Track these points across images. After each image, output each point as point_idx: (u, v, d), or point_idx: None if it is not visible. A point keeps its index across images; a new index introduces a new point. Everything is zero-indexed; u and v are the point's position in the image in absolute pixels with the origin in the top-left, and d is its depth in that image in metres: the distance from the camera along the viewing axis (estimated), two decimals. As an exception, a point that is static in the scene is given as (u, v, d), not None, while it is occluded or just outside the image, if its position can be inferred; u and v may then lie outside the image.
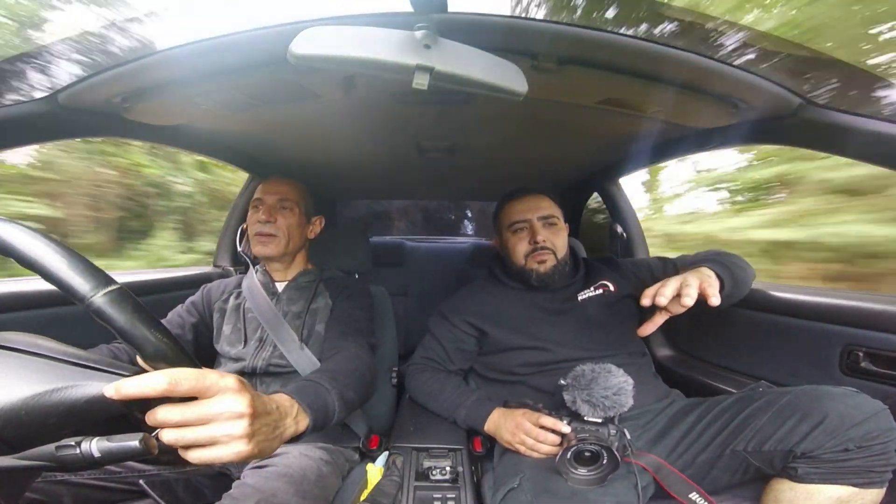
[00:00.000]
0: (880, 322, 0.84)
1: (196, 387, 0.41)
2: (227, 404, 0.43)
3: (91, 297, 0.37)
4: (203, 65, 0.71)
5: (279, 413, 0.52)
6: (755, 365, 1.09)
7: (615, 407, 0.75)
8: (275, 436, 0.50)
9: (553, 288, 1.08)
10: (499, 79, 0.54)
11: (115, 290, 0.39)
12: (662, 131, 1.04)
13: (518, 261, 1.08)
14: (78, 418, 0.40)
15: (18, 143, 0.82)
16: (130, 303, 0.39)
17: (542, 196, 1.11)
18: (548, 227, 1.08)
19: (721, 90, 0.76)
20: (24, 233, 0.37)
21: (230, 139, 1.18)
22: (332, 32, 0.49)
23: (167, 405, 0.41)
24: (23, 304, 0.88)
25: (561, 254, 1.07)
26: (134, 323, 0.39)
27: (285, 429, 0.53)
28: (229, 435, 0.43)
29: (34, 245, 0.37)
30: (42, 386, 0.39)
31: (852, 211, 1.98)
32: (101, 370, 0.42)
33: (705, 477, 0.80)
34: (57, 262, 0.37)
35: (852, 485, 0.67)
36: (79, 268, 0.38)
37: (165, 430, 0.41)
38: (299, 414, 0.57)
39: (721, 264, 0.90)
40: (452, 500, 0.78)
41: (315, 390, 0.64)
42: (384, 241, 2.18)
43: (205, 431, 0.42)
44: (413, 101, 0.87)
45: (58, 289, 0.37)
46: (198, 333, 1.05)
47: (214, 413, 0.42)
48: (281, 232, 1.01)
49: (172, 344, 0.41)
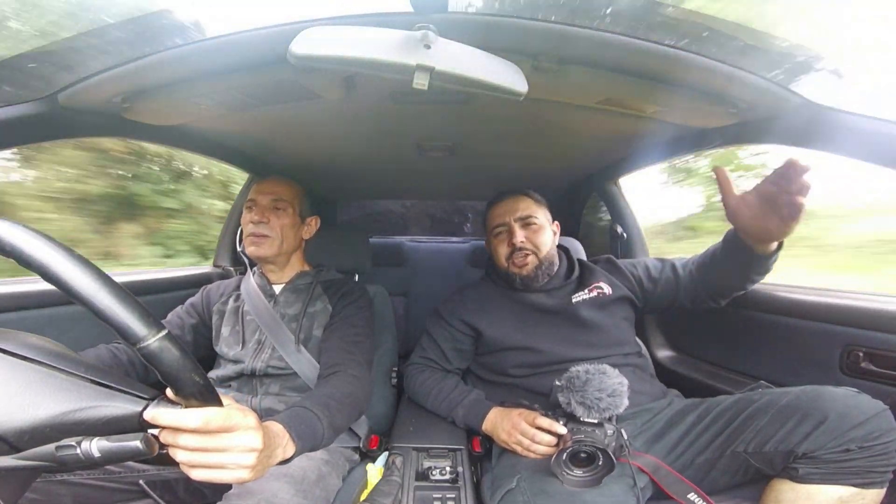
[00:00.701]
0: (880, 322, 0.84)
1: (223, 426, 0.45)
2: (244, 440, 0.48)
3: (146, 343, 0.39)
4: (203, 65, 0.71)
5: (273, 444, 0.56)
6: (755, 365, 1.09)
7: (609, 408, 0.75)
8: (267, 464, 0.55)
9: (546, 289, 1.08)
10: (499, 79, 0.54)
11: (165, 336, 0.40)
12: (662, 131, 1.04)
13: (501, 264, 1.09)
14: (94, 434, 0.42)
15: (18, 142, 0.82)
16: (177, 348, 0.41)
17: (522, 196, 1.11)
18: (526, 227, 1.07)
19: (721, 90, 0.76)
20: (82, 269, 0.37)
21: (230, 139, 1.18)
22: (332, 32, 0.50)
23: (190, 433, 0.44)
24: (23, 304, 0.88)
25: (543, 252, 1.06)
26: (179, 368, 0.41)
27: (275, 457, 0.57)
28: (238, 464, 0.48)
29: (90, 284, 0.37)
30: (67, 405, 0.41)
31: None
32: (123, 391, 0.45)
33: (705, 478, 0.80)
34: (113, 304, 0.38)
35: (853, 485, 0.67)
36: (134, 312, 0.39)
37: (182, 452, 0.45)
38: (288, 444, 0.60)
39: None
40: (452, 501, 0.78)
41: (307, 419, 0.67)
42: (384, 241, 2.18)
43: (216, 458, 0.46)
44: (413, 101, 0.87)
45: (112, 328, 0.38)
46: (197, 335, 1.05)
47: (231, 445, 0.47)
48: (274, 232, 1.01)
49: (206, 385, 0.44)
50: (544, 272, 1.06)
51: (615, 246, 1.60)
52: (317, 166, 1.46)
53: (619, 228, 1.59)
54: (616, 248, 1.60)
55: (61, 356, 0.45)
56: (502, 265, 1.09)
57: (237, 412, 0.47)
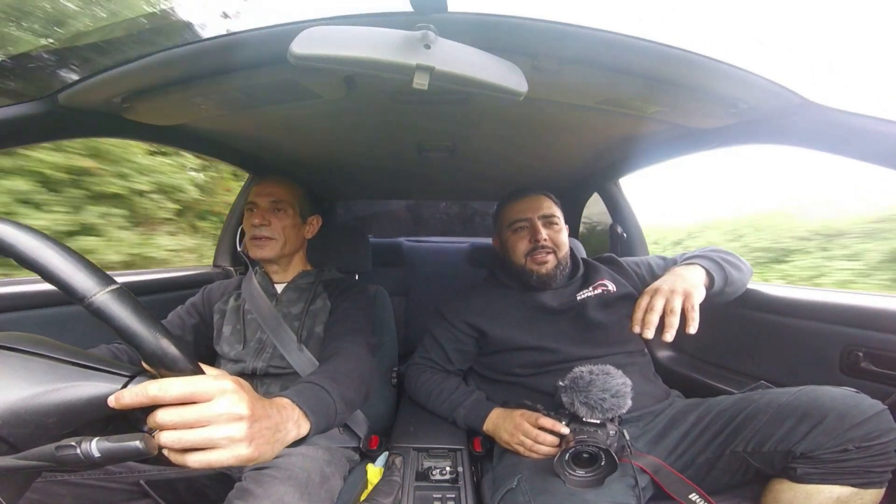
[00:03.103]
0: (880, 322, 0.84)
1: (185, 393, 0.41)
2: (224, 406, 0.43)
3: (91, 297, 0.38)
4: (203, 65, 0.71)
5: (280, 417, 0.52)
6: (755, 365, 1.09)
7: (613, 409, 0.75)
8: (276, 439, 0.50)
9: (552, 288, 1.08)
10: (499, 79, 0.54)
11: (115, 290, 0.39)
12: (662, 131, 1.04)
13: (518, 260, 1.08)
14: (78, 418, 0.41)
15: (18, 143, 0.82)
16: (130, 302, 0.40)
17: (544, 196, 1.12)
18: (549, 225, 1.08)
19: (721, 90, 0.76)
20: (24, 232, 0.37)
21: (230, 139, 1.17)
22: (332, 32, 0.49)
23: (166, 407, 0.41)
24: (23, 304, 0.88)
25: (562, 253, 1.07)
26: (133, 322, 0.39)
27: (287, 433, 0.53)
28: (228, 437, 0.43)
29: (34, 245, 0.37)
30: (42, 386, 0.39)
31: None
32: (101, 370, 0.43)
33: (705, 477, 0.80)
34: (57, 261, 0.37)
35: (852, 485, 0.67)
36: (79, 267, 0.38)
37: (165, 431, 0.42)
38: (301, 418, 0.57)
39: (714, 262, 0.90)
40: (452, 501, 0.78)
41: (316, 393, 0.64)
42: (383, 241, 2.18)
43: (203, 434, 0.42)
44: (413, 101, 0.87)
45: (57, 288, 0.37)
46: (198, 335, 1.05)
47: (212, 415, 0.42)
48: (276, 234, 1.01)
49: (170, 344, 0.41)
50: (560, 272, 1.07)
51: (615, 246, 1.60)
52: (316, 166, 1.46)
53: (620, 228, 1.59)
54: (616, 248, 1.60)
55: (39, 343, 0.43)
56: (519, 262, 1.08)
57: (207, 378, 0.43)
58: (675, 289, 0.80)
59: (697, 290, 0.81)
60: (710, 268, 0.88)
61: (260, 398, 0.50)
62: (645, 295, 0.82)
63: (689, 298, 0.78)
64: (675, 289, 0.80)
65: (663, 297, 0.79)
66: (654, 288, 0.82)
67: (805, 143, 0.83)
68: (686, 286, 0.80)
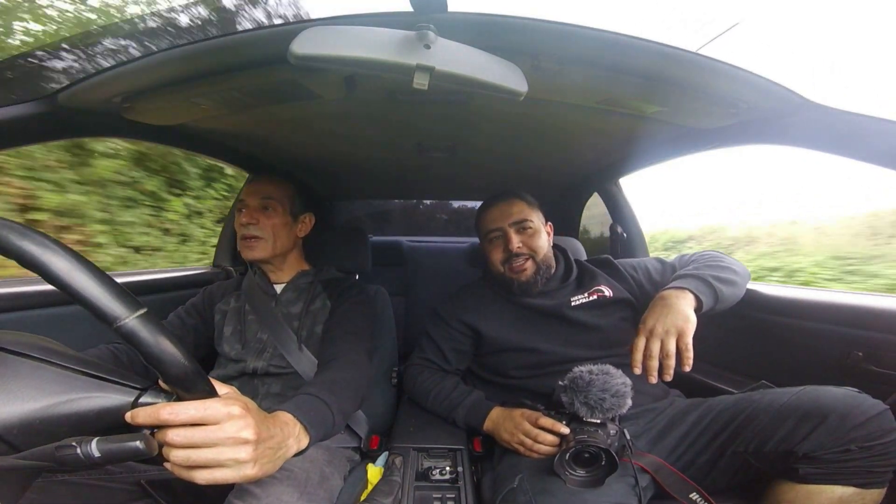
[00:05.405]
0: (881, 322, 0.84)
1: (195, 418, 0.44)
2: (231, 430, 0.45)
3: (122, 322, 0.38)
4: (203, 65, 0.71)
5: (283, 434, 0.54)
6: (755, 365, 1.09)
7: (613, 409, 0.75)
8: (278, 456, 0.53)
9: (544, 291, 1.07)
10: (499, 79, 0.54)
11: (143, 315, 0.39)
12: (662, 131, 1.04)
13: (497, 269, 1.08)
14: (88, 428, 0.42)
15: (18, 143, 0.82)
16: (156, 328, 0.40)
17: (514, 199, 1.09)
18: (521, 231, 1.06)
19: (721, 90, 0.76)
20: (56, 254, 0.37)
21: (230, 139, 1.17)
22: (333, 32, 0.50)
23: (176, 427, 0.43)
24: (23, 304, 0.88)
25: (541, 255, 1.05)
26: (159, 348, 0.40)
27: (288, 449, 0.55)
28: (234, 459, 0.46)
29: (66, 267, 0.37)
30: (55, 397, 0.40)
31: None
32: (113, 381, 0.44)
33: (706, 477, 0.80)
34: (88, 285, 0.37)
35: (853, 485, 0.67)
36: (109, 291, 0.38)
37: (174, 450, 0.44)
38: (301, 433, 0.59)
39: (705, 282, 0.90)
40: (452, 501, 0.78)
41: (315, 405, 0.66)
42: (383, 240, 2.18)
43: (210, 455, 0.45)
44: (413, 101, 0.87)
45: (87, 310, 0.38)
46: (198, 335, 1.05)
47: (219, 438, 0.45)
48: (266, 233, 1.00)
49: (190, 369, 0.43)
50: (542, 276, 1.06)
51: (615, 246, 1.60)
52: (316, 166, 1.46)
53: (619, 228, 1.59)
54: (616, 248, 1.60)
55: (51, 350, 0.44)
56: (498, 270, 1.08)
57: (215, 402, 0.45)
58: (669, 329, 0.79)
59: (689, 325, 0.80)
60: (700, 291, 0.87)
61: (264, 418, 0.52)
62: (640, 335, 0.82)
63: (682, 337, 0.78)
64: (669, 329, 0.79)
65: (658, 340, 0.79)
66: (649, 329, 0.81)
67: (805, 143, 0.83)
68: (678, 323, 0.79)
